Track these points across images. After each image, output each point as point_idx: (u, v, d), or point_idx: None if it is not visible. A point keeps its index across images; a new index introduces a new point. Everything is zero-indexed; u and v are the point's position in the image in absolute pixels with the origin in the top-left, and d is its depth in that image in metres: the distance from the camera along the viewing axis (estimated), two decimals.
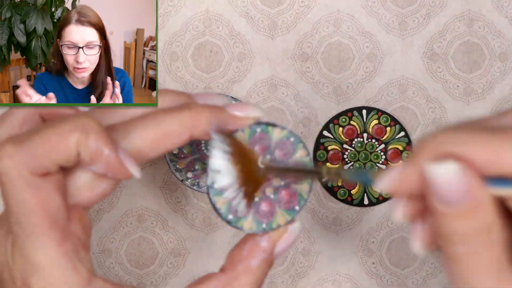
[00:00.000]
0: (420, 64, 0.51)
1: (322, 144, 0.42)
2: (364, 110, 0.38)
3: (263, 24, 0.50)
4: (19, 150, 0.31)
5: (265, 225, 0.36)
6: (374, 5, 0.51)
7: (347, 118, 0.39)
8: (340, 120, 0.44)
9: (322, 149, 0.38)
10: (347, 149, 0.41)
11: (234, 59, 0.50)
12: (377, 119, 0.42)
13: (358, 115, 0.45)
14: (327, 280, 0.52)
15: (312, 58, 0.51)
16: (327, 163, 0.38)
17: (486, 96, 0.52)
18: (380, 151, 0.38)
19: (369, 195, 0.42)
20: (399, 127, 0.38)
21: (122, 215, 0.50)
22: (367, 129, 0.38)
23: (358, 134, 0.42)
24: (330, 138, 0.40)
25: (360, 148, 0.39)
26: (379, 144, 0.38)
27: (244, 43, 0.50)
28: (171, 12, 0.50)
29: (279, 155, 0.36)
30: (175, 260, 0.51)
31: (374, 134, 0.39)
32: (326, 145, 0.42)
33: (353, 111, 0.45)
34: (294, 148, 0.36)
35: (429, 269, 0.52)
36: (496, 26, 0.51)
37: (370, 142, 0.42)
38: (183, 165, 0.49)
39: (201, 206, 0.51)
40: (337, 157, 0.40)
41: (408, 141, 0.37)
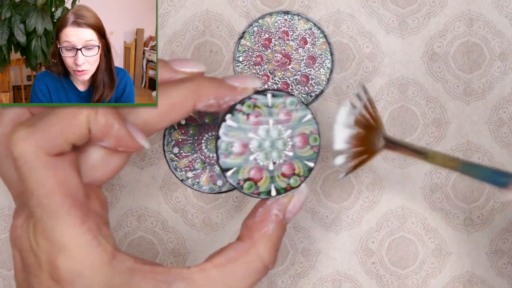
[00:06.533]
0: (420, 64, 0.51)
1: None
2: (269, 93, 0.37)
3: None
4: (32, 132, 0.32)
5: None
6: (374, 5, 0.51)
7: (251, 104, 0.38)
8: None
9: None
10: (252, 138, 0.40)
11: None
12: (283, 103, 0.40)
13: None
14: (327, 280, 0.52)
15: None
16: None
17: (486, 96, 0.52)
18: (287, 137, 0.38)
19: (276, 186, 0.41)
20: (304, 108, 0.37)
21: (122, 215, 0.50)
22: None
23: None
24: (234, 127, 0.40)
25: (266, 135, 0.39)
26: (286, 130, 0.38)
27: None
28: (171, 12, 0.50)
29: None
30: (175, 260, 0.51)
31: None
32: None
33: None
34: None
35: (429, 269, 0.52)
36: (496, 26, 0.51)
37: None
38: (183, 164, 0.49)
39: (201, 206, 0.51)
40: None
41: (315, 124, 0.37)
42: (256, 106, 0.37)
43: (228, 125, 0.37)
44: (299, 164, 0.38)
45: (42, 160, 0.32)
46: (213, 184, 0.49)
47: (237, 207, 0.51)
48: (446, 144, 0.52)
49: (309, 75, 0.49)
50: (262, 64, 0.49)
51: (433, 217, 0.52)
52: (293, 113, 0.38)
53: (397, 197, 0.52)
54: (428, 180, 0.52)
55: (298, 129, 0.38)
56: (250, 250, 0.37)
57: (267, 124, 0.37)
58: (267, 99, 0.37)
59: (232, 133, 0.37)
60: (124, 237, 0.50)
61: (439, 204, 0.52)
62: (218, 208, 0.51)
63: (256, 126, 0.37)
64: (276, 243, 0.38)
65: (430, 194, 0.52)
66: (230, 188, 0.50)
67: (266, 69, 0.50)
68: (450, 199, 0.52)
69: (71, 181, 0.33)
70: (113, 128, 0.33)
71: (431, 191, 0.52)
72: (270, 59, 0.49)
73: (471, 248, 0.52)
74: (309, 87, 0.49)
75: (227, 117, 0.37)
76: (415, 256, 0.52)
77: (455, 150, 0.52)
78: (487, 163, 0.52)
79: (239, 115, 0.37)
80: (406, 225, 0.52)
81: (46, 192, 0.32)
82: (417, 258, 0.52)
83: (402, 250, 0.52)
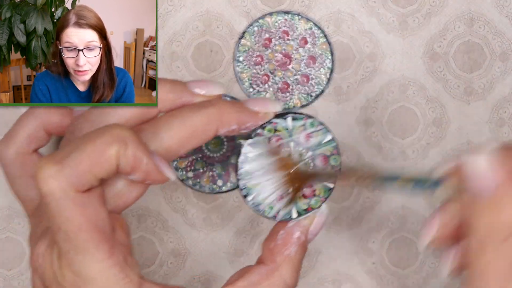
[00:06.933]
0: (421, 63, 0.51)
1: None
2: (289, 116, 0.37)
3: None
4: (61, 169, 0.31)
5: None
6: (375, 5, 0.51)
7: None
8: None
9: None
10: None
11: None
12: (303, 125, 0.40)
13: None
14: (327, 280, 0.52)
15: None
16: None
17: (487, 96, 0.52)
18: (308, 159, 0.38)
19: (297, 208, 0.41)
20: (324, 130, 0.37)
21: (122, 215, 0.50)
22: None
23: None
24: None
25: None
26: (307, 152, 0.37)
27: None
28: (171, 12, 0.50)
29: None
30: (175, 260, 0.51)
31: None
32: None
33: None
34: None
35: (429, 269, 0.52)
36: (497, 26, 0.51)
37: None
38: (184, 164, 0.49)
39: (201, 206, 0.51)
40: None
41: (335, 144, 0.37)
42: (276, 130, 0.37)
43: (249, 149, 0.37)
44: (319, 186, 0.38)
45: (72, 198, 0.32)
46: (213, 184, 0.49)
47: (237, 207, 0.51)
48: (446, 144, 0.52)
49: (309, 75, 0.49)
50: (262, 64, 0.49)
51: None
52: (313, 135, 0.37)
53: (397, 197, 0.52)
54: None
55: (319, 151, 0.37)
56: (273, 274, 0.37)
57: (288, 147, 0.37)
58: (287, 123, 0.37)
59: (253, 158, 0.37)
60: None
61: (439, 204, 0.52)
62: (218, 208, 0.51)
63: (278, 150, 0.37)
64: (298, 264, 0.37)
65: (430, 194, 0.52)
66: (230, 188, 0.50)
67: (266, 69, 0.50)
68: None
69: (99, 215, 0.33)
70: (142, 162, 0.33)
71: None
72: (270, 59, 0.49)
73: None
74: (310, 87, 0.49)
75: (248, 142, 0.36)
76: (415, 256, 0.52)
77: (455, 150, 0.52)
78: None
79: (260, 140, 0.37)
80: (406, 225, 0.52)
81: (74, 228, 0.32)
82: (417, 258, 0.52)
83: (402, 250, 0.52)
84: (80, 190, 0.32)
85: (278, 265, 0.37)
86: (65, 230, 0.32)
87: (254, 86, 0.43)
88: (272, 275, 0.37)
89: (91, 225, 0.32)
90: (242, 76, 0.43)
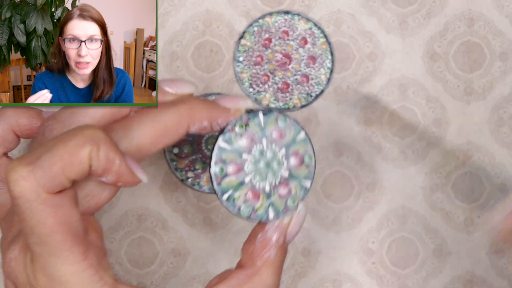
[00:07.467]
0: (421, 63, 0.51)
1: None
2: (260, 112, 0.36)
3: None
4: (32, 170, 0.31)
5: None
6: (375, 5, 0.51)
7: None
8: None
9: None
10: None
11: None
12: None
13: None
14: (327, 280, 0.52)
15: None
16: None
17: (487, 96, 0.52)
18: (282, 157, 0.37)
19: (274, 208, 0.40)
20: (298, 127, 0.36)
21: (122, 215, 0.50)
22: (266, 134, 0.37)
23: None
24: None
25: (260, 156, 0.38)
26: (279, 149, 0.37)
27: None
28: (171, 12, 0.50)
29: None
30: (175, 260, 0.51)
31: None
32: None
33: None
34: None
35: (429, 269, 0.52)
36: (497, 26, 0.51)
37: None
38: (183, 164, 0.49)
39: (201, 206, 0.51)
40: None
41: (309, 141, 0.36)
42: (248, 126, 0.36)
43: (221, 147, 0.36)
44: (295, 184, 0.37)
45: (43, 199, 0.31)
46: None
47: None
48: (446, 144, 0.52)
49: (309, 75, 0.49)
50: (262, 64, 0.49)
51: (433, 217, 0.52)
52: (286, 132, 0.37)
53: (397, 197, 0.52)
54: (428, 180, 0.52)
55: (292, 148, 0.37)
56: (253, 278, 0.36)
57: (260, 143, 0.37)
58: (259, 118, 0.37)
59: (225, 155, 0.36)
60: (124, 237, 0.50)
61: (439, 204, 0.52)
62: (218, 208, 0.51)
63: (250, 147, 0.36)
64: (279, 267, 0.37)
65: (430, 194, 0.52)
66: None
67: (266, 69, 0.50)
68: (450, 199, 0.52)
69: (72, 217, 0.32)
70: (114, 164, 0.32)
71: (431, 191, 0.52)
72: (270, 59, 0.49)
73: (471, 248, 0.52)
74: (309, 87, 0.49)
75: (220, 139, 0.36)
76: (415, 256, 0.52)
77: (455, 150, 0.52)
78: (488, 163, 0.52)
79: (232, 136, 0.36)
80: (406, 225, 0.52)
81: (47, 231, 0.32)
82: (417, 258, 0.52)
83: (402, 250, 0.52)
84: (52, 192, 0.32)
85: (258, 269, 0.36)
86: (38, 232, 0.32)
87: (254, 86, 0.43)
88: (252, 278, 0.36)
89: (64, 227, 0.32)
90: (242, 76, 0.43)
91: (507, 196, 0.38)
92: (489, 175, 0.52)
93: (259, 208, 0.36)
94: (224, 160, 0.36)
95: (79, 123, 0.35)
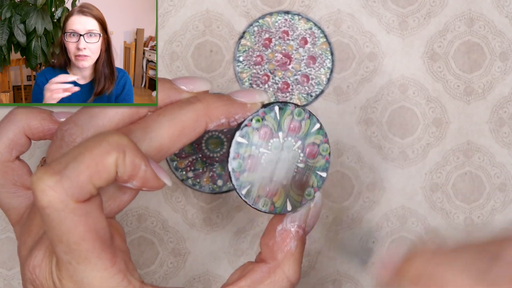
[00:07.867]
0: (421, 64, 0.51)
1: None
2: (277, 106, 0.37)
3: None
4: (60, 180, 0.31)
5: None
6: (375, 5, 0.51)
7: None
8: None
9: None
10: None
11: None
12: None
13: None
14: (327, 280, 0.52)
15: None
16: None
17: (487, 96, 0.52)
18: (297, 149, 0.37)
19: (291, 200, 0.41)
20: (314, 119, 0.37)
21: (122, 215, 0.50)
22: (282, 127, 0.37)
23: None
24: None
25: (277, 149, 0.38)
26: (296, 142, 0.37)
27: None
28: (171, 11, 0.50)
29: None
30: (175, 260, 0.51)
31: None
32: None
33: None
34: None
35: None
36: (497, 26, 0.51)
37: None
38: (184, 164, 0.49)
39: (201, 206, 0.51)
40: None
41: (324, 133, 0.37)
42: (264, 120, 0.37)
43: (238, 142, 0.36)
44: (311, 175, 0.38)
45: (72, 209, 0.31)
46: (213, 184, 0.49)
47: (237, 207, 0.51)
48: (446, 144, 0.52)
49: (309, 75, 0.49)
50: (262, 64, 0.49)
51: (433, 217, 0.52)
52: (302, 124, 0.37)
53: (397, 197, 0.52)
54: (428, 180, 0.52)
55: (308, 140, 0.37)
56: (275, 271, 0.36)
57: (277, 137, 0.37)
58: (275, 112, 0.37)
59: (242, 150, 0.36)
60: None
61: (439, 204, 0.52)
62: (218, 208, 0.51)
63: (267, 140, 0.37)
64: (299, 259, 0.37)
65: (430, 194, 0.52)
66: (230, 188, 0.50)
67: (266, 69, 0.49)
68: (450, 199, 0.52)
69: (99, 224, 0.32)
70: (140, 169, 0.32)
71: (431, 191, 0.52)
72: (270, 59, 0.49)
73: None
74: (310, 87, 0.49)
75: (237, 134, 0.36)
76: None
77: (455, 150, 0.52)
78: (488, 163, 0.52)
79: (249, 131, 0.36)
80: (406, 225, 0.52)
81: (76, 239, 0.31)
82: None
83: (402, 250, 0.52)
84: (80, 201, 0.31)
85: (279, 262, 0.36)
86: (66, 241, 0.31)
87: (254, 86, 0.43)
88: (274, 272, 0.36)
89: (92, 234, 0.32)
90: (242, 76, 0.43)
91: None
92: (489, 175, 0.52)
93: (277, 200, 0.37)
94: (242, 155, 0.36)
95: (98, 126, 0.35)
